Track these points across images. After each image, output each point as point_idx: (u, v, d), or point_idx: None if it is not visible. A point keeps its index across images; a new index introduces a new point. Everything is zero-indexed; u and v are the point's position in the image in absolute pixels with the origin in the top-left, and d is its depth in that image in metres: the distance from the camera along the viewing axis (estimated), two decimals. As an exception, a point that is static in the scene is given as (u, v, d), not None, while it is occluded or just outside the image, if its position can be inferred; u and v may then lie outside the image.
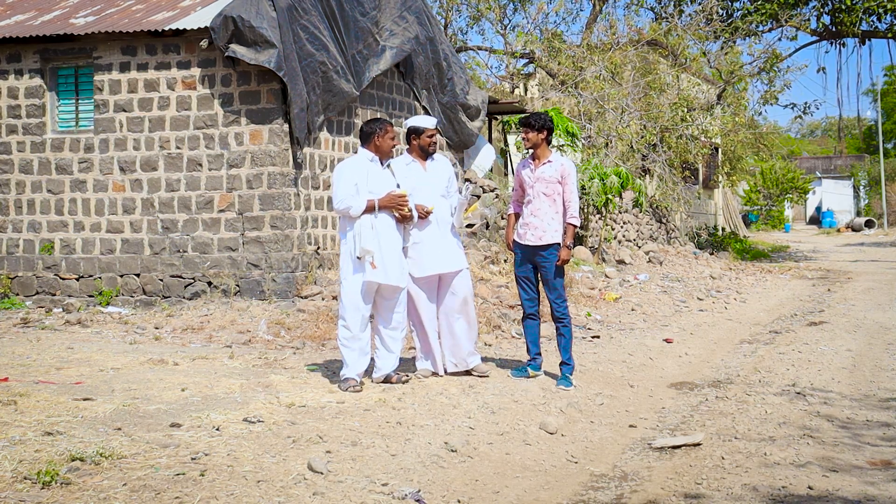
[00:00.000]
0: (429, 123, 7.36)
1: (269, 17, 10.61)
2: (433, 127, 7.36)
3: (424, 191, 7.20)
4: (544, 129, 7.43)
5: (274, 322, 9.86)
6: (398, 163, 7.32)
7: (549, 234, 7.38)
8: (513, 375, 7.53)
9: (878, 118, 48.58)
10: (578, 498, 5.13)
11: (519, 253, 7.56)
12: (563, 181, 7.38)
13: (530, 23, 24.20)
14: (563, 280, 7.55)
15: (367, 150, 7.06)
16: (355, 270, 6.89)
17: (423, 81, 14.20)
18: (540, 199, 7.40)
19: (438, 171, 7.38)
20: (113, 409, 5.98)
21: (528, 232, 7.45)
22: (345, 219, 6.99)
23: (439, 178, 7.35)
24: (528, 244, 7.45)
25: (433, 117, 7.63)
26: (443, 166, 7.44)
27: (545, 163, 7.43)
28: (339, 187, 6.90)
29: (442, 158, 7.53)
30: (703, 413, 7.04)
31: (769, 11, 22.98)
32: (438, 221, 7.26)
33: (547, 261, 7.40)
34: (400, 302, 7.11)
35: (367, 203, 6.86)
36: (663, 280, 15.68)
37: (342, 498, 4.64)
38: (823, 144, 71.87)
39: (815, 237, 39.37)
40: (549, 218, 7.38)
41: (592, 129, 20.17)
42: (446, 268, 7.24)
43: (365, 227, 6.83)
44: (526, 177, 7.51)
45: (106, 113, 11.64)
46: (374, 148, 7.04)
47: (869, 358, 9.15)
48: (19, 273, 12.03)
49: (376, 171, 7.03)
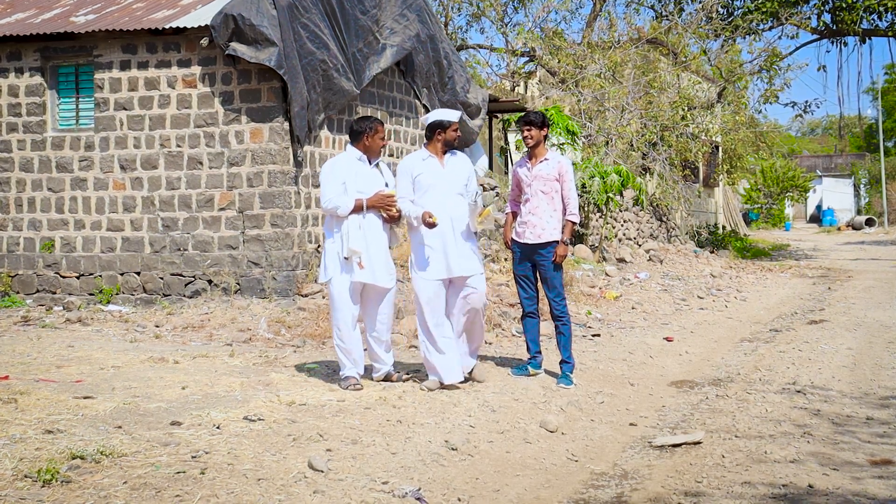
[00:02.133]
0: (453, 117, 7.13)
1: (269, 15, 10.60)
2: (458, 120, 7.16)
3: (441, 188, 6.94)
4: (545, 126, 7.46)
5: (274, 320, 9.86)
6: (414, 158, 7.10)
7: (547, 231, 7.39)
8: (513, 374, 7.53)
9: (879, 116, 48.55)
10: (579, 496, 5.13)
11: (518, 251, 7.57)
12: (561, 179, 7.40)
13: (531, 21, 24.20)
14: (561, 278, 7.55)
15: (356, 148, 6.94)
16: (343, 270, 6.81)
17: (424, 80, 14.19)
18: (538, 197, 7.41)
19: (457, 168, 7.10)
20: (113, 408, 5.98)
21: (526, 230, 7.45)
22: (331, 218, 6.89)
23: (457, 175, 7.06)
24: (527, 242, 7.45)
25: (456, 111, 7.40)
26: (462, 163, 7.15)
27: (542, 161, 7.44)
28: (326, 186, 6.82)
29: (461, 155, 7.25)
30: (703, 411, 7.04)
31: (770, 10, 22.96)
32: (453, 222, 6.94)
33: (546, 259, 7.41)
34: (386, 302, 7.00)
35: (355, 203, 6.76)
36: (664, 278, 15.68)
37: (342, 496, 4.64)
38: (824, 143, 71.83)
39: (815, 235, 39.35)
40: (547, 216, 7.40)
41: (593, 128, 20.16)
42: (457, 272, 6.94)
43: (353, 227, 6.74)
44: (523, 175, 7.52)
45: (106, 111, 11.64)
46: (363, 147, 6.92)
47: (869, 356, 9.15)
48: (20, 271, 12.03)
49: (364, 170, 6.91)
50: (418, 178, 6.95)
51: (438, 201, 6.90)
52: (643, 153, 21.00)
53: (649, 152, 21.06)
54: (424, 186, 6.93)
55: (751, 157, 30.45)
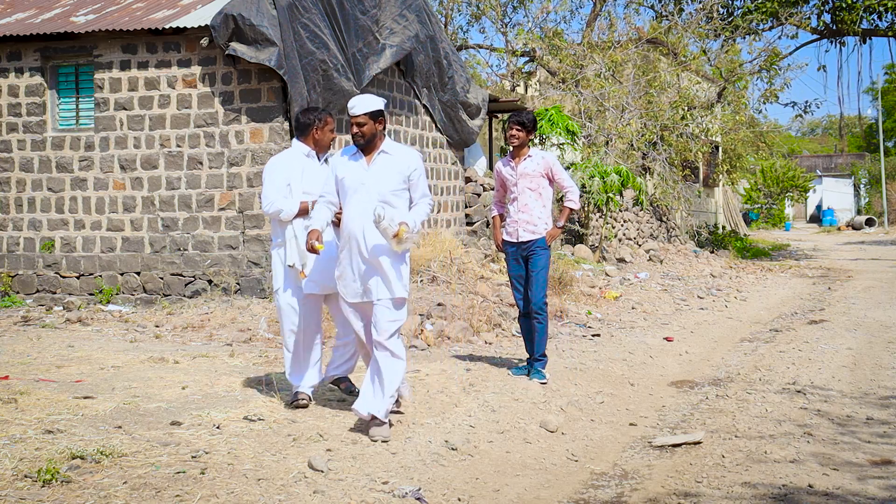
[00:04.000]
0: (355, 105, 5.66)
1: (269, 15, 10.61)
2: (359, 113, 5.63)
3: (360, 193, 5.63)
4: (533, 130, 7.56)
5: (274, 320, 9.85)
6: (341, 155, 5.91)
7: (540, 227, 7.46)
8: (513, 374, 7.54)
9: (879, 116, 48.53)
10: (579, 496, 5.13)
11: (511, 252, 7.57)
12: (551, 173, 7.49)
13: (531, 21, 24.20)
14: (547, 276, 7.58)
15: (304, 143, 6.22)
16: (287, 283, 6.13)
17: (424, 80, 14.19)
18: (526, 194, 7.47)
19: (388, 167, 5.65)
20: (113, 408, 5.98)
21: (519, 228, 7.48)
22: (276, 221, 6.14)
23: (386, 177, 5.62)
24: (521, 241, 7.47)
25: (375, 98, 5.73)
26: (396, 162, 5.67)
27: (525, 158, 7.52)
28: (268, 187, 6.06)
29: (403, 151, 5.80)
30: (703, 411, 7.04)
31: (769, 10, 22.96)
32: (364, 235, 5.62)
33: (537, 254, 7.44)
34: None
35: (301, 205, 6.03)
36: (664, 278, 15.68)
37: (342, 496, 4.64)
38: (824, 143, 71.84)
39: (815, 235, 39.33)
40: (538, 212, 7.48)
41: (593, 128, 20.16)
42: (350, 296, 5.73)
43: (298, 233, 6.00)
44: (508, 175, 7.57)
45: (106, 111, 11.64)
46: (311, 141, 6.22)
47: (869, 356, 9.15)
48: (20, 271, 12.03)
49: (313, 167, 6.17)
50: (342, 181, 5.77)
51: (357, 211, 5.64)
52: (643, 153, 21.00)
53: (649, 152, 21.06)
54: (345, 190, 5.75)
55: (751, 157, 30.46)
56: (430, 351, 8.70)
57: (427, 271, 11.73)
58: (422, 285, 11.31)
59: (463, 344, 9.10)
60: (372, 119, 5.64)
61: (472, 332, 9.50)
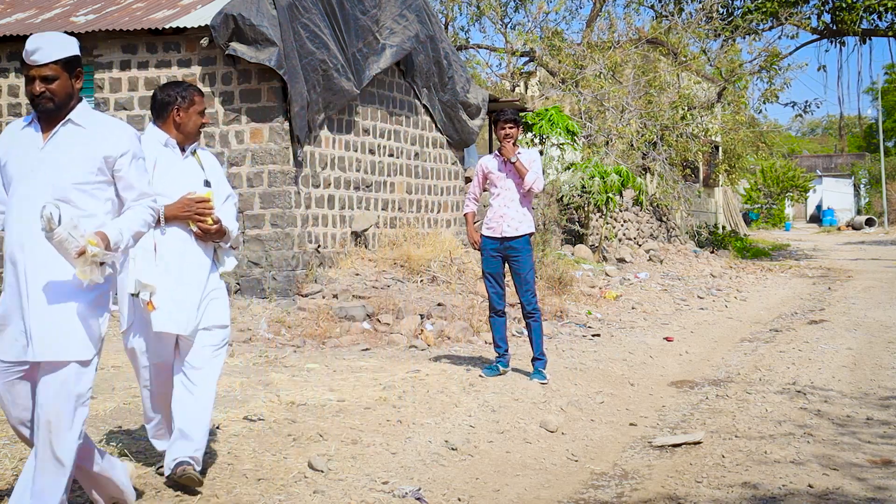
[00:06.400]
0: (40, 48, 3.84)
1: (269, 15, 10.60)
2: (46, 61, 3.83)
3: (28, 185, 3.76)
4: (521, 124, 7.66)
5: (274, 320, 9.85)
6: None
7: (524, 224, 7.48)
8: (485, 374, 7.47)
9: (879, 116, 48.56)
10: (579, 496, 5.13)
11: (491, 247, 7.54)
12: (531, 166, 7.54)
13: (531, 21, 24.20)
14: (534, 273, 7.59)
15: (161, 129, 4.66)
16: (132, 318, 4.63)
17: (424, 80, 14.19)
18: (513, 190, 7.51)
19: (74, 146, 3.81)
20: (114, 408, 5.98)
21: (502, 224, 7.48)
22: None
23: (68, 161, 3.79)
24: (503, 236, 7.46)
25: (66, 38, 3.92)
26: (90, 139, 3.82)
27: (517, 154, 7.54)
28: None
29: (105, 123, 3.93)
30: (703, 411, 7.04)
31: (769, 10, 22.97)
32: (26, 252, 3.73)
33: (520, 253, 7.43)
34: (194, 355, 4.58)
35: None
36: (664, 278, 15.68)
37: (342, 496, 4.64)
38: (824, 143, 71.85)
39: (815, 235, 39.35)
40: (524, 208, 7.51)
41: (593, 128, 20.17)
42: (9, 354, 3.78)
43: (145, 250, 4.48)
44: (495, 168, 7.59)
45: (106, 111, 11.63)
46: (171, 127, 4.66)
47: (869, 356, 9.15)
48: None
49: (171, 160, 4.62)
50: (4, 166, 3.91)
51: (20, 213, 3.77)
52: (643, 153, 21.01)
53: (649, 152, 21.07)
54: (9, 180, 3.87)
55: (751, 157, 30.46)
56: (430, 351, 8.71)
57: (427, 271, 11.74)
58: (422, 285, 11.32)
59: (463, 344, 9.11)
60: (66, 70, 3.80)
61: (472, 332, 9.50)
